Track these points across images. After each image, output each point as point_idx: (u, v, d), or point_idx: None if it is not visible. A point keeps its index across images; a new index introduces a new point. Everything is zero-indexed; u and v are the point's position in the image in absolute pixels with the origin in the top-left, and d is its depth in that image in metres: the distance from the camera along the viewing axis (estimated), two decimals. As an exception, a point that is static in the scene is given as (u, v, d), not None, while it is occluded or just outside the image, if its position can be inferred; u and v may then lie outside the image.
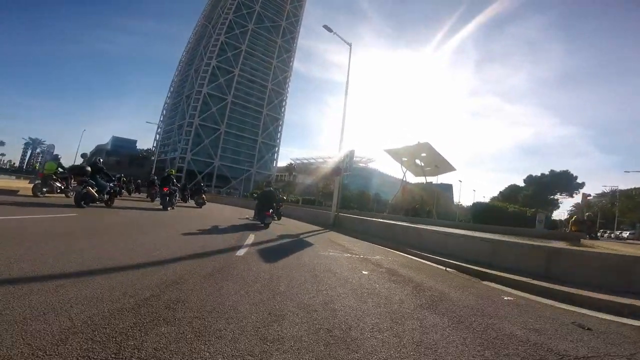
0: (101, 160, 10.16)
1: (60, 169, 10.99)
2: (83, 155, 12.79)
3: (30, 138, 75.57)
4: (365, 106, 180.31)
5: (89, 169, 9.17)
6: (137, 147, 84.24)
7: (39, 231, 4.32)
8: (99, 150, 79.79)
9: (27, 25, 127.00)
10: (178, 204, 14.97)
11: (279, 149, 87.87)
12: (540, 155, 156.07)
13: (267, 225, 8.90)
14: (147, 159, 73.97)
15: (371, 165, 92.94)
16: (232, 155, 76.08)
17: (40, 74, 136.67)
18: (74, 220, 6.02)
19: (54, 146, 75.27)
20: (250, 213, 12.67)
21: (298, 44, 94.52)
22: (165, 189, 12.03)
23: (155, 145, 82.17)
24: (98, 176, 9.22)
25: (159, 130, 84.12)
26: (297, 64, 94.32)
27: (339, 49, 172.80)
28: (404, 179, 39.86)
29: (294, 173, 58.89)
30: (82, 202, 8.34)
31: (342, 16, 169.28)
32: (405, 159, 39.22)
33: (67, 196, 11.02)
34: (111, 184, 9.91)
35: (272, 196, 9.90)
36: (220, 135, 74.13)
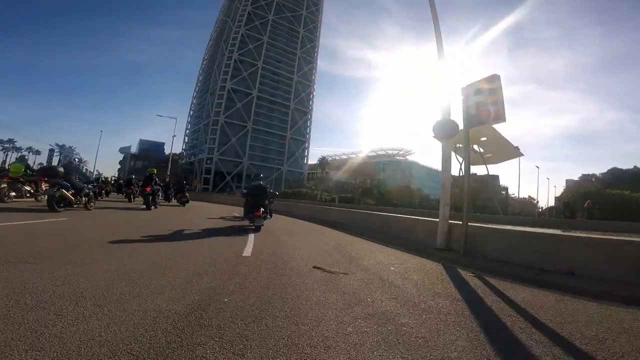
0: (77, 159, 10.65)
1: (28, 171, 10.93)
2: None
3: (57, 144, 79.77)
4: (397, 99, 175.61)
5: (61, 169, 9.01)
6: (165, 151, 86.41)
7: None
8: (124, 154, 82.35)
9: (63, 38, 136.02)
10: (161, 203, 15.43)
11: (309, 144, 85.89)
12: (589, 143, 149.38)
13: (258, 228, 7.82)
14: (175, 162, 75.09)
15: (409, 158, 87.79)
16: (261, 154, 75.39)
17: (77, 85, 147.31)
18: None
19: (71, 149, 78.68)
20: (239, 211, 11.80)
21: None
22: (148, 189, 12.34)
23: (183, 147, 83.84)
24: (74, 177, 8.92)
25: (187, 132, 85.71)
26: (319, 62, 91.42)
27: (362, 45, 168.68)
28: (461, 170, 35.26)
29: (326, 169, 55.67)
30: (57, 206, 8.06)
31: (362, 12, 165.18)
32: (460, 146, 34.77)
33: (37, 200, 10.68)
34: (89, 186, 9.60)
35: (262, 192, 8.71)
36: (247, 133, 73.69)
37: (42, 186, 10.84)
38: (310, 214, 14.08)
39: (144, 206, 12.38)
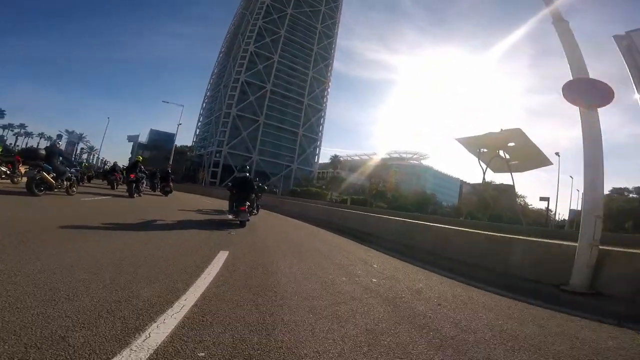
0: (59, 143, 10.46)
1: (5, 152, 11.16)
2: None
3: (66, 130, 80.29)
4: (414, 102, 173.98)
5: (43, 152, 9.06)
6: (175, 142, 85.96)
7: None
8: (133, 143, 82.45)
9: (91, 32, 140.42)
10: (146, 192, 15.38)
11: (321, 142, 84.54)
12: (607, 156, 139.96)
13: (242, 224, 7.50)
14: (183, 153, 74.85)
15: (425, 162, 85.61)
16: (271, 149, 74.58)
17: (106, 77, 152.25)
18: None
19: (81, 135, 78.92)
20: (224, 204, 11.39)
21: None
22: (132, 176, 12.33)
23: (194, 140, 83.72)
24: (56, 160, 8.69)
25: (199, 124, 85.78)
26: (335, 63, 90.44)
27: (379, 48, 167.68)
28: (484, 176, 33.26)
29: (338, 169, 53.85)
30: (37, 189, 7.90)
31: (380, 14, 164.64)
32: (485, 150, 32.75)
33: (13, 182, 10.44)
34: (72, 170, 9.57)
35: (248, 185, 8.32)
36: (259, 127, 72.95)
37: (20, 168, 10.69)
38: (323, 217, 11.94)
39: (127, 194, 12.30)
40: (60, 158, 9.02)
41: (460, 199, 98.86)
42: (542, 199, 34.30)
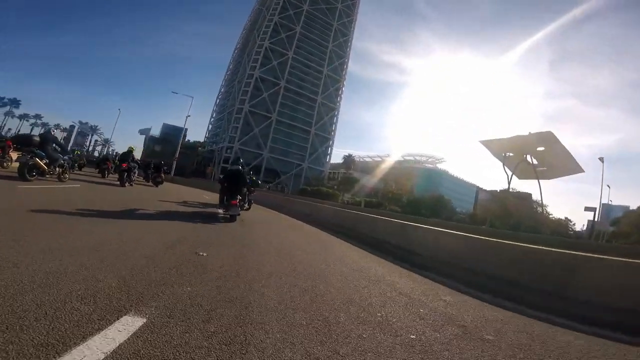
0: (54, 130, 10.64)
1: None
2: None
3: (80, 122, 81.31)
4: (428, 106, 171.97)
5: (37, 138, 9.11)
6: (188, 137, 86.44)
7: None
8: (145, 136, 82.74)
9: (114, 30, 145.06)
10: (138, 182, 15.64)
11: (333, 142, 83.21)
12: (628, 165, 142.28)
13: (232, 218, 7.30)
14: (195, 149, 74.72)
15: (440, 166, 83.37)
16: (282, 147, 73.80)
17: (122, 73, 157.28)
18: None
19: (95, 127, 79.53)
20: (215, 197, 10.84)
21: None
22: (124, 165, 12.44)
23: (206, 135, 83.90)
24: (50, 147, 8.85)
25: (212, 119, 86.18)
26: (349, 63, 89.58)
27: (394, 50, 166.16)
28: (509, 183, 31.36)
29: (351, 169, 52.03)
30: (29, 175, 8.01)
31: (397, 17, 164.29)
32: (511, 155, 30.88)
33: (2, 167, 10.45)
34: (65, 157, 9.70)
35: (240, 178, 8.15)
36: (271, 124, 72.28)
37: (11, 153, 10.84)
38: (342, 223, 9.48)
39: (118, 182, 12.43)
40: (54, 145, 9.18)
41: (475, 206, 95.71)
42: (587, 209, 32.07)
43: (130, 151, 13.87)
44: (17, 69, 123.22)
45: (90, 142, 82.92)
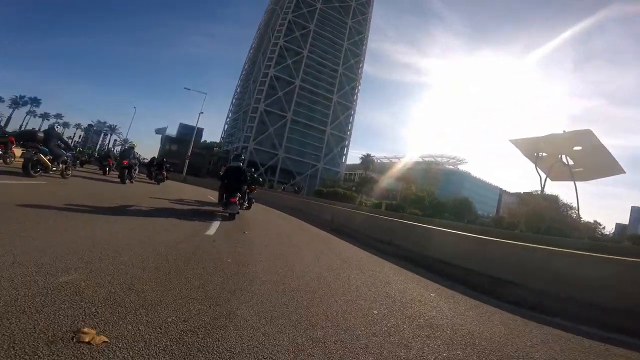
0: (58, 126, 10.29)
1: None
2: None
3: (98, 121, 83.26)
4: (448, 106, 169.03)
5: (41, 134, 9.27)
6: (203, 137, 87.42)
7: None
8: (161, 136, 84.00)
9: (136, 31, 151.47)
10: (140, 179, 15.84)
11: (349, 142, 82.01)
12: None
13: (231, 216, 7.27)
14: (210, 149, 75.19)
15: (461, 168, 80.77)
16: (297, 147, 73.37)
17: (141, 76, 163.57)
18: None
19: (113, 127, 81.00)
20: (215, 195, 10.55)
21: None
22: (125, 162, 12.45)
23: (222, 135, 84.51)
24: (53, 143, 8.96)
25: (227, 119, 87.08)
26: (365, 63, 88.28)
27: (411, 51, 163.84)
28: (543, 185, 29.44)
29: (369, 170, 50.33)
30: (33, 170, 8.07)
31: (412, 17, 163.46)
32: (545, 154, 28.94)
33: (5, 162, 10.54)
34: (68, 154, 9.85)
35: (241, 175, 7.96)
36: (286, 124, 72.01)
37: (14, 149, 11.02)
38: (384, 236, 7.14)
39: (119, 179, 12.40)
40: (58, 141, 9.29)
41: (499, 209, 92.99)
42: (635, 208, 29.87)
43: (131, 148, 13.98)
44: (37, 68, 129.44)
45: (109, 141, 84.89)
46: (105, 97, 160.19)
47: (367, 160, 52.81)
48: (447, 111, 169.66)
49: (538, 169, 29.04)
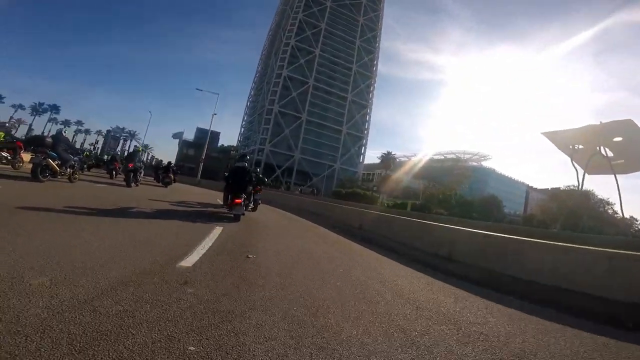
0: (65, 131, 10.20)
1: (8, 138, 11.34)
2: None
3: (117, 126, 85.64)
4: (466, 103, 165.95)
5: (49, 139, 9.57)
6: (220, 141, 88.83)
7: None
8: (179, 140, 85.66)
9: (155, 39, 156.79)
10: (146, 182, 16.17)
11: (366, 141, 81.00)
12: None
13: (236, 218, 7.11)
14: (227, 152, 75.94)
15: (485, 164, 78.34)
16: (313, 148, 73.11)
17: (159, 81, 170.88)
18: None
19: (132, 132, 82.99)
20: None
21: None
22: (130, 165, 12.62)
23: (239, 139, 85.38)
24: (61, 148, 9.08)
25: (243, 123, 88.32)
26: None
27: (423, 48, 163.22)
28: (580, 179, 27.81)
29: (390, 169, 49.03)
30: (42, 175, 8.29)
31: (422, 15, 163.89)
32: (581, 147, 27.34)
33: (14, 168, 10.82)
34: (76, 158, 9.91)
35: (245, 175, 7.68)
36: (301, 125, 71.94)
37: (22, 154, 11.32)
38: (449, 252, 5.62)
39: (125, 183, 12.57)
40: (66, 146, 9.43)
41: (526, 206, 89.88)
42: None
43: (136, 151, 14.33)
44: (58, 77, 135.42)
45: (129, 147, 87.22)
46: (124, 104, 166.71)
47: (387, 158, 51.16)
48: (466, 107, 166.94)
49: (573, 162, 27.51)
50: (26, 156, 11.42)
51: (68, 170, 9.48)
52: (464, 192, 41.94)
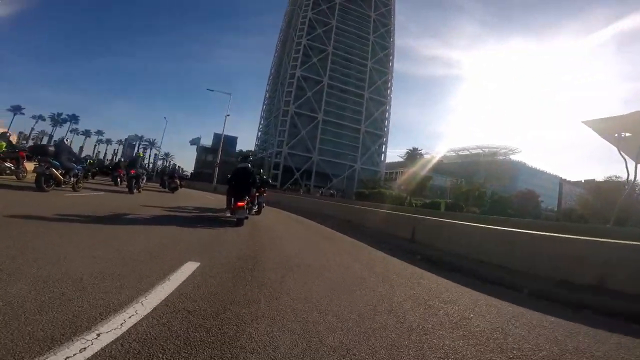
0: (68, 140, 10.68)
1: (9, 148, 11.24)
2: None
3: (136, 135, 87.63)
4: (486, 96, 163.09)
5: (52, 148, 9.36)
6: (238, 146, 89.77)
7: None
8: (197, 146, 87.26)
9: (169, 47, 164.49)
10: (150, 188, 16.42)
11: (387, 139, 79.71)
12: None
13: (239, 222, 6.47)
14: (245, 158, 76.26)
15: (514, 158, 75.44)
16: (332, 148, 72.53)
17: (182, 89, 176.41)
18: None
19: (152, 141, 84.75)
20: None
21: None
22: (132, 172, 12.69)
23: (256, 143, 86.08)
24: (64, 157, 9.14)
25: (260, 126, 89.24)
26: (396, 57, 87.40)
27: (437, 44, 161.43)
28: (635, 171, 25.99)
29: (415, 165, 47.14)
30: (46, 185, 8.31)
31: (432, 11, 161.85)
32: (628, 135, 25.55)
33: (18, 178, 10.89)
34: (79, 167, 10.01)
35: (249, 177, 7.35)
36: (317, 125, 71.56)
37: (25, 164, 11.37)
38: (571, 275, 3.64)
39: (127, 189, 12.56)
40: (69, 155, 9.52)
41: (560, 200, 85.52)
42: None
43: (138, 157, 14.38)
44: (78, 87, 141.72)
45: (149, 155, 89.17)
46: (146, 113, 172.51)
47: (413, 154, 49.01)
48: (487, 101, 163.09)
49: (621, 152, 25.76)
50: (29, 166, 11.41)
51: (72, 179, 9.52)
52: (497, 189, 40.06)
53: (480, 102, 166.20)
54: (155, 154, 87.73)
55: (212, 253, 3.97)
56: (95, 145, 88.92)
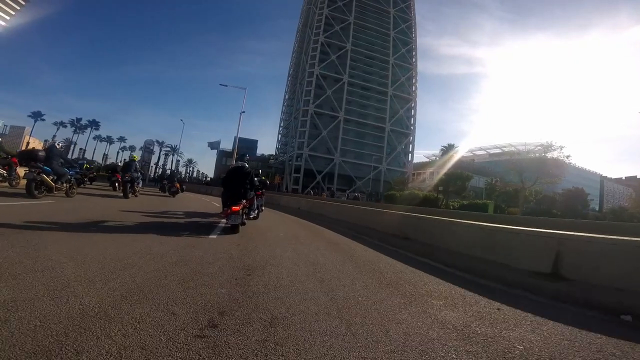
0: (60, 144, 10.18)
1: (2, 154, 11.06)
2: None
3: (156, 141, 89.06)
4: (516, 93, 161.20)
5: (42, 153, 9.17)
6: (259, 150, 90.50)
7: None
8: (217, 150, 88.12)
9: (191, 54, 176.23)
10: (152, 193, 16.94)
11: (414, 137, 77.22)
12: None
13: (234, 228, 6.12)
14: (265, 160, 76.50)
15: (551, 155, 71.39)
16: (354, 149, 70.59)
17: (204, 95, 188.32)
18: None
19: (176, 148, 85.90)
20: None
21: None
22: (127, 176, 12.66)
23: (277, 146, 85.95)
24: (56, 162, 9.08)
25: (280, 129, 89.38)
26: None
27: (457, 42, 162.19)
28: None
29: (453, 164, 43.99)
30: (37, 191, 8.30)
31: (450, 9, 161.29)
32: None
33: (11, 185, 10.89)
34: (71, 172, 9.97)
35: (245, 177, 6.72)
36: (339, 124, 69.84)
37: (18, 171, 11.24)
38: None
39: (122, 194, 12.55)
40: (61, 160, 9.42)
41: (602, 198, 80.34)
42: None
43: (132, 160, 14.17)
44: (101, 95, 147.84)
45: (171, 161, 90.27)
46: (165, 120, 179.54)
47: (448, 151, 45.97)
48: (517, 98, 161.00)
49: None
50: (22, 172, 11.39)
51: (64, 185, 9.40)
52: (541, 187, 37.28)
53: (506, 99, 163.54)
54: (178, 160, 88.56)
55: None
56: (118, 153, 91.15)
